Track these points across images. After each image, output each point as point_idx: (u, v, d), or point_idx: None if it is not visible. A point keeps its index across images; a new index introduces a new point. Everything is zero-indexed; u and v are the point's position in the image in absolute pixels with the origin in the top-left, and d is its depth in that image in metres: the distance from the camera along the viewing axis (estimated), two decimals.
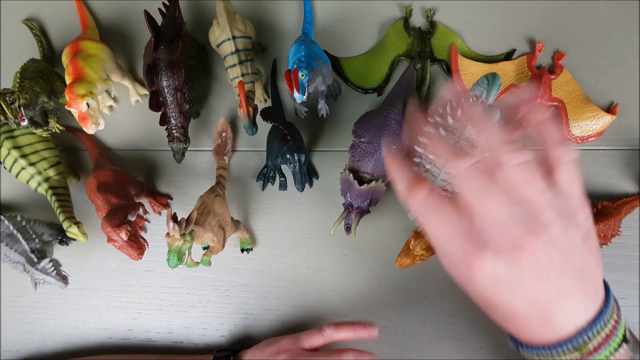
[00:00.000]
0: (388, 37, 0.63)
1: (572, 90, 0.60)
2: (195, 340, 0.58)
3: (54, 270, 0.51)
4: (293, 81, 0.48)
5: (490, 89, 0.49)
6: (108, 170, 0.54)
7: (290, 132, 0.51)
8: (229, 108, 0.62)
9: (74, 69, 0.51)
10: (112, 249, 0.50)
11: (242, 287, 0.59)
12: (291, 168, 0.52)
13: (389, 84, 0.62)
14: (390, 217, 0.59)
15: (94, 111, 0.50)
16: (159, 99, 0.52)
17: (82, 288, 0.60)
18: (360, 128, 0.53)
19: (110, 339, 0.59)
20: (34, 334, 0.59)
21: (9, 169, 0.55)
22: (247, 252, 0.59)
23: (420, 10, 0.64)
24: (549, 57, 0.62)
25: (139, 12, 0.63)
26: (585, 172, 0.59)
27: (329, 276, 0.58)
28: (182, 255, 0.44)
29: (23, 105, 0.51)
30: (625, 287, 0.57)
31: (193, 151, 0.61)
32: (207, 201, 0.49)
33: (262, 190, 0.60)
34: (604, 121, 0.58)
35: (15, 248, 0.51)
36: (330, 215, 0.59)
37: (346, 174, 0.52)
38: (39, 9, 0.65)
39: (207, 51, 0.62)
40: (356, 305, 0.58)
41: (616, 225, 0.51)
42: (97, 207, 0.50)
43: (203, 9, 0.65)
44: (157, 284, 0.59)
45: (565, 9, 0.63)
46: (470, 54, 0.62)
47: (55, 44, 0.64)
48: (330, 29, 0.64)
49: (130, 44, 0.64)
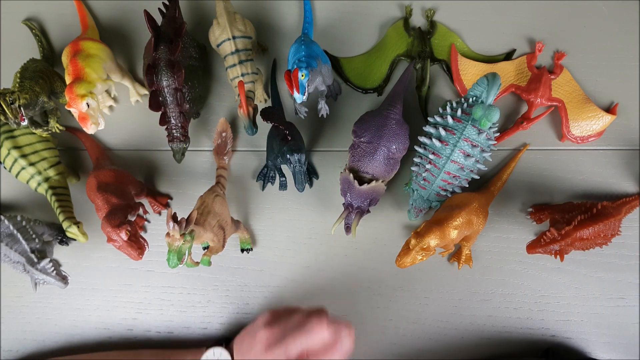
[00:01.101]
0: (388, 37, 0.63)
1: (572, 90, 0.60)
2: (196, 341, 0.58)
3: (54, 270, 0.51)
4: (293, 81, 0.48)
5: (490, 89, 0.49)
6: (108, 170, 0.54)
7: (290, 132, 0.51)
8: (229, 108, 0.62)
9: (74, 69, 0.51)
10: (112, 249, 0.50)
11: (242, 287, 0.59)
12: (291, 168, 0.52)
13: (389, 84, 0.62)
14: (390, 217, 0.59)
15: (94, 111, 0.50)
16: (159, 99, 0.52)
17: (82, 288, 0.60)
18: (360, 128, 0.53)
19: (110, 339, 0.59)
20: (34, 334, 0.59)
21: (9, 169, 0.55)
22: (247, 252, 0.59)
23: (420, 10, 0.64)
24: (549, 57, 0.62)
25: (139, 12, 0.63)
26: (585, 172, 0.59)
27: (329, 276, 0.59)
28: (182, 255, 0.44)
29: (23, 105, 0.51)
30: (625, 287, 0.57)
31: (193, 151, 0.61)
32: (207, 201, 0.49)
33: (262, 190, 0.60)
34: (604, 121, 0.58)
35: (15, 248, 0.51)
36: (330, 215, 0.59)
37: (346, 174, 0.52)
38: (39, 9, 0.65)
39: (207, 51, 0.62)
40: (356, 305, 0.58)
41: (616, 225, 0.51)
42: (97, 207, 0.50)
43: (203, 9, 0.65)
44: (157, 284, 0.59)
45: (565, 9, 0.63)
46: (470, 54, 0.62)
47: (55, 44, 0.64)
48: (330, 29, 0.64)
49: (130, 44, 0.64)
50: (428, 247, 0.47)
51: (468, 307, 0.57)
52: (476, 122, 0.49)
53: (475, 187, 0.59)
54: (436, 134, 0.51)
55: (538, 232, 0.58)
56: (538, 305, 0.57)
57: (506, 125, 0.60)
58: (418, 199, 0.54)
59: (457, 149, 0.49)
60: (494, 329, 0.57)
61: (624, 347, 0.56)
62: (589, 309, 0.57)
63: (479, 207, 0.49)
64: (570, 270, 0.57)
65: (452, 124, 0.50)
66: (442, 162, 0.50)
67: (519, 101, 0.61)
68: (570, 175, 0.59)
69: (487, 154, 0.51)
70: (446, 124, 0.50)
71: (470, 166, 0.50)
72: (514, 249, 0.58)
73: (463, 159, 0.49)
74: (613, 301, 0.57)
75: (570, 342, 0.56)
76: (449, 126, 0.50)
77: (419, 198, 0.54)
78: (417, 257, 0.48)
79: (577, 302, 0.57)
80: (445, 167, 0.50)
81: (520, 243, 0.57)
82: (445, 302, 0.57)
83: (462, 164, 0.50)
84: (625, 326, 0.56)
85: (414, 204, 0.55)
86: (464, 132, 0.49)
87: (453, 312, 0.57)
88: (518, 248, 0.58)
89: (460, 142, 0.49)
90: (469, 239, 0.53)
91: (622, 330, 0.56)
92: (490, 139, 0.50)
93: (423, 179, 0.52)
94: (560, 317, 0.57)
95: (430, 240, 0.47)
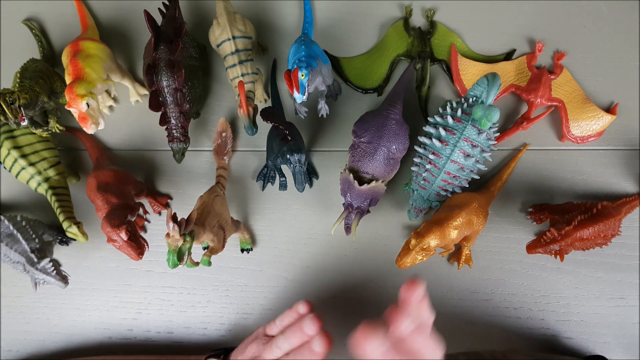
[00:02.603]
0: (388, 37, 0.63)
1: (572, 90, 0.60)
2: (195, 340, 0.58)
3: (54, 270, 0.51)
4: (293, 81, 0.48)
5: (490, 89, 0.49)
6: (108, 170, 0.54)
7: (290, 132, 0.51)
8: (229, 108, 0.62)
9: (74, 69, 0.51)
10: (112, 249, 0.50)
11: (242, 287, 0.59)
12: (291, 168, 0.52)
13: (389, 84, 0.62)
14: (390, 218, 0.59)
15: (94, 111, 0.50)
16: (159, 99, 0.52)
17: (82, 288, 0.60)
18: (360, 128, 0.53)
19: (110, 339, 0.59)
20: (34, 334, 0.59)
21: (9, 169, 0.55)
22: (247, 252, 0.59)
23: (420, 10, 0.64)
24: (549, 57, 0.62)
25: (139, 12, 0.63)
26: (585, 172, 0.59)
27: (329, 276, 0.59)
28: (182, 255, 0.44)
29: (23, 105, 0.51)
30: (625, 287, 0.57)
31: (193, 151, 0.61)
32: (207, 201, 0.49)
33: (262, 190, 0.60)
34: (604, 121, 0.58)
35: (15, 248, 0.51)
36: (330, 215, 0.59)
37: (346, 174, 0.52)
38: (39, 9, 0.65)
39: (207, 51, 0.62)
40: (356, 305, 0.58)
41: (616, 225, 0.51)
42: (97, 207, 0.50)
43: (203, 9, 0.65)
44: (157, 284, 0.59)
45: (565, 9, 0.63)
46: (470, 54, 0.62)
47: (55, 44, 0.64)
48: (330, 29, 0.64)
49: (130, 44, 0.64)
50: (428, 247, 0.47)
51: (468, 307, 0.57)
52: (476, 122, 0.49)
53: (475, 187, 0.59)
54: (436, 134, 0.51)
55: (538, 232, 0.58)
56: (538, 305, 0.57)
57: (506, 125, 0.60)
58: (418, 199, 0.54)
59: (457, 149, 0.49)
60: (494, 329, 0.57)
61: (624, 347, 0.56)
62: (589, 309, 0.57)
63: (479, 207, 0.49)
64: (570, 270, 0.57)
65: (452, 124, 0.50)
66: (442, 162, 0.50)
67: (519, 101, 0.61)
68: (570, 175, 0.59)
69: (487, 154, 0.51)
70: (446, 124, 0.50)
71: (470, 166, 0.50)
72: (514, 249, 0.58)
73: (463, 159, 0.49)
74: (613, 301, 0.57)
75: (570, 342, 0.56)
76: (449, 126, 0.50)
77: (419, 198, 0.54)
78: (417, 257, 0.48)
79: (577, 302, 0.57)
80: (445, 167, 0.50)
81: (520, 243, 0.57)
82: (445, 302, 0.57)
83: (462, 164, 0.50)
84: (625, 326, 0.56)
85: (414, 204, 0.55)
86: (464, 132, 0.49)
87: (453, 312, 0.57)
88: (518, 248, 0.58)
89: (460, 142, 0.49)
90: (469, 239, 0.53)
91: (622, 330, 0.56)
92: (490, 139, 0.50)
93: (423, 179, 0.52)
94: (560, 317, 0.57)
95: (431, 240, 0.47)
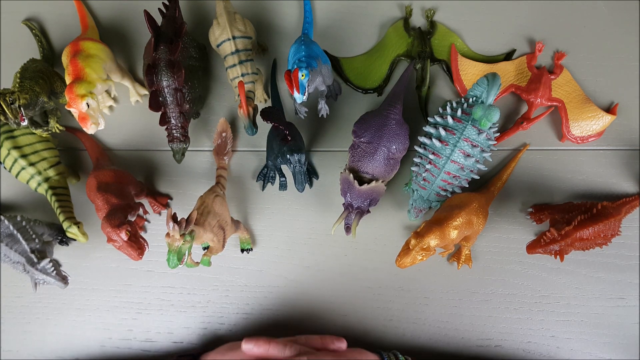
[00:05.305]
0: (388, 37, 0.63)
1: (572, 90, 0.60)
2: (195, 340, 0.58)
3: (54, 270, 0.51)
4: (293, 81, 0.48)
5: (490, 89, 0.49)
6: (108, 170, 0.54)
7: (290, 132, 0.51)
8: (229, 108, 0.62)
9: (74, 69, 0.51)
10: (112, 249, 0.50)
11: (242, 287, 0.59)
12: (291, 168, 0.52)
13: (389, 84, 0.62)
14: (390, 217, 0.59)
15: (94, 111, 0.50)
16: (159, 99, 0.52)
17: (82, 288, 0.60)
18: (360, 128, 0.53)
19: (110, 339, 0.59)
20: (34, 334, 0.59)
21: (9, 169, 0.55)
22: (247, 252, 0.59)
23: (420, 10, 0.64)
24: (549, 57, 0.62)
25: (139, 12, 0.63)
26: (585, 172, 0.59)
27: (329, 276, 0.59)
28: (182, 256, 0.44)
29: (23, 105, 0.51)
30: (625, 287, 0.57)
31: (193, 151, 0.61)
32: (207, 201, 0.49)
33: (262, 190, 0.60)
34: (604, 121, 0.58)
35: (15, 248, 0.51)
36: (330, 215, 0.59)
37: (346, 174, 0.52)
38: (39, 9, 0.65)
39: (207, 51, 0.62)
40: (356, 305, 0.58)
41: (616, 225, 0.51)
42: (97, 207, 0.50)
43: (203, 9, 0.65)
44: (157, 284, 0.59)
45: (565, 9, 0.63)
46: (470, 54, 0.62)
47: (55, 44, 0.64)
48: (330, 29, 0.64)
49: (130, 44, 0.64)
50: (428, 247, 0.47)
51: (468, 307, 0.57)
52: (476, 122, 0.49)
53: (475, 187, 0.59)
54: (436, 134, 0.51)
55: (538, 232, 0.58)
56: (538, 305, 0.57)
57: (506, 126, 0.60)
58: (418, 199, 0.54)
59: (457, 149, 0.49)
60: (494, 329, 0.57)
61: (624, 347, 0.56)
62: (589, 309, 0.57)
63: (479, 207, 0.49)
64: (570, 270, 0.57)
65: (452, 124, 0.50)
66: (442, 162, 0.50)
67: (519, 101, 0.61)
68: (570, 175, 0.59)
69: (487, 154, 0.51)
70: (446, 124, 0.50)
71: (470, 166, 0.50)
72: (514, 249, 0.58)
73: (463, 159, 0.49)
74: (613, 301, 0.57)
75: (570, 342, 0.56)
76: (449, 126, 0.50)
77: (419, 198, 0.54)
78: (417, 257, 0.48)
79: (577, 302, 0.57)
80: (445, 167, 0.50)
81: (520, 243, 0.57)
82: (445, 303, 0.57)
83: (462, 164, 0.50)
84: (625, 326, 0.56)
85: (414, 204, 0.55)
86: (464, 132, 0.49)
87: (453, 313, 0.57)
88: (518, 248, 0.58)
89: (460, 142, 0.49)
90: (469, 239, 0.53)
91: (622, 330, 0.56)
92: (490, 139, 0.50)
93: (423, 179, 0.53)
94: (560, 317, 0.57)
95: (430, 240, 0.47)
